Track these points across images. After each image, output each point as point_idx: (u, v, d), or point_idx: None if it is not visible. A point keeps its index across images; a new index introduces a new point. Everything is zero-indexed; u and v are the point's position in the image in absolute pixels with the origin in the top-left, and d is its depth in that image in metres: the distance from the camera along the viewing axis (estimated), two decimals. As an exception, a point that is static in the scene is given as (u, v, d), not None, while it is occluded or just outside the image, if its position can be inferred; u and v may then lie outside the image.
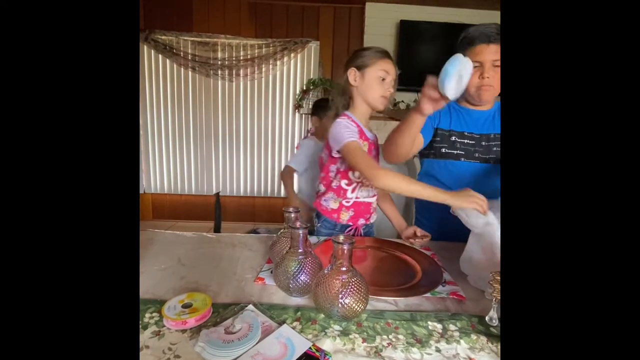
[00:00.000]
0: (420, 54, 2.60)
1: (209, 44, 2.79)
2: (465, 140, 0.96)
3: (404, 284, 0.65)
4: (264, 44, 2.80)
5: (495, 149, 0.96)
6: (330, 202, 0.95)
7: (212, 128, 2.98)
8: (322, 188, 0.96)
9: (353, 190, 0.92)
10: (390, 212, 1.01)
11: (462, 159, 0.95)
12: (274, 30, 2.80)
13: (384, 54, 0.89)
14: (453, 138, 0.96)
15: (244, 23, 2.79)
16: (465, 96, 0.97)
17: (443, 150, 0.96)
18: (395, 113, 2.51)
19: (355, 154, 0.81)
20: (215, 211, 2.27)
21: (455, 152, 0.96)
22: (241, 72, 2.84)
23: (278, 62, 2.83)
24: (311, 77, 2.86)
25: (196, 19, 2.78)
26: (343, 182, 0.93)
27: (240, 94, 2.95)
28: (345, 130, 0.84)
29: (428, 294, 0.61)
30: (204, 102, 2.93)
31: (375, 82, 0.87)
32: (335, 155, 0.90)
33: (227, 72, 2.84)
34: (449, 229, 0.74)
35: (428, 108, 0.71)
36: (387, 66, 0.88)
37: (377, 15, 2.67)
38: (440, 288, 0.63)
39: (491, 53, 0.87)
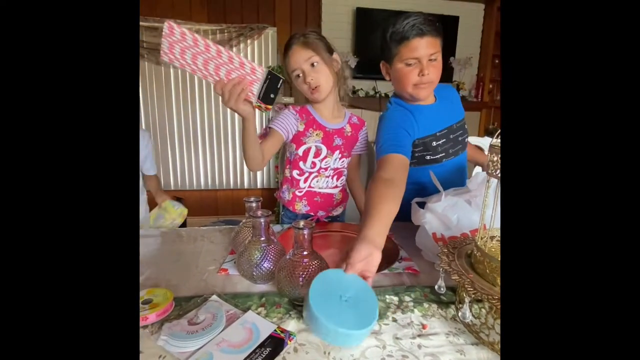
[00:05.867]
0: (376, 41, 2.64)
1: (158, 29, 2.61)
2: (441, 141, 0.89)
3: (364, 264, 0.69)
4: (218, 30, 2.68)
5: (460, 138, 0.93)
6: (285, 194, 0.96)
7: (167, 119, 2.82)
8: (281, 179, 0.97)
9: (305, 180, 0.93)
10: (356, 194, 1.05)
11: (444, 160, 0.90)
12: (228, 15, 2.68)
13: (289, 47, 0.85)
14: (434, 143, 0.89)
15: (195, 7, 2.64)
16: (402, 95, 0.89)
17: (428, 157, 0.89)
18: (355, 101, 2.56)
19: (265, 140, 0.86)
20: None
21: (438, 155, 0.89)
22: (195, 59, 2.70)
23: (234, 49, 2.73)
24: (270, 64, 2.80)
25: (142, 2, 2.57)
26: (295, 172, 0.93)
27: (195, 82, 2.81)
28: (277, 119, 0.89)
29: (386, 271, 0.65)
30: (155, 91, 2.76)
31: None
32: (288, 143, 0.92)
33: (179, 59, 2.68)
34: (407, 210, 0.77)
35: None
36: (289, 60, 0.86)
37: (333, 2, 2.66)
38: (397, 264, 0.68)
39: (427, 47, 0.79)
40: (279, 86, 0.63)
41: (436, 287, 0.53)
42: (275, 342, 0.45)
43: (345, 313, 0.44)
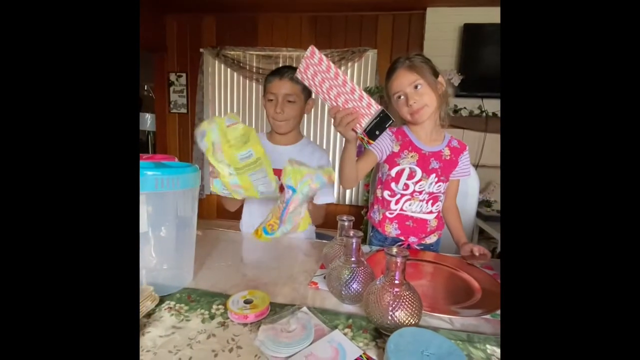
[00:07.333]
0: (484, 57, 2.45)
1: (272, 56, 2.98)
2: None
3: (460, 303, 0.62)
4: (322, 55, 2.90)
5: None
6: (376, 214, 0.95)
7: (272, 135, 3.16)
8: (372, 199, 0.98)
9: (397, 202, 0.91)
10: (452, 224, 0.97)
11: None
12: (333, 40, 2.88)
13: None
14: None
15: (305, 35, 2.93)
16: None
17: None
18: (456, 120, 2.38)
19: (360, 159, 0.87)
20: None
21: None
22: (300, 82, 2.98)
23: (335, 72, 2.90)
24: (367, 85, 2.87)
25: (261, 34, 3.00)
26: (386, 193, 0.92)
27: (298, 103, 3.08)
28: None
29: (488, 316, 0.57)
30: (261, 110, 3.14)
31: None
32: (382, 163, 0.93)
33: (287, 82, 2.99)
34: None
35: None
36: (393, 83, 0.87)
37: (438, 20, 2.58)
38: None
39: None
40: (386, 126, 0.65)
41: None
42: (361, 369, 0.44)
43: None
